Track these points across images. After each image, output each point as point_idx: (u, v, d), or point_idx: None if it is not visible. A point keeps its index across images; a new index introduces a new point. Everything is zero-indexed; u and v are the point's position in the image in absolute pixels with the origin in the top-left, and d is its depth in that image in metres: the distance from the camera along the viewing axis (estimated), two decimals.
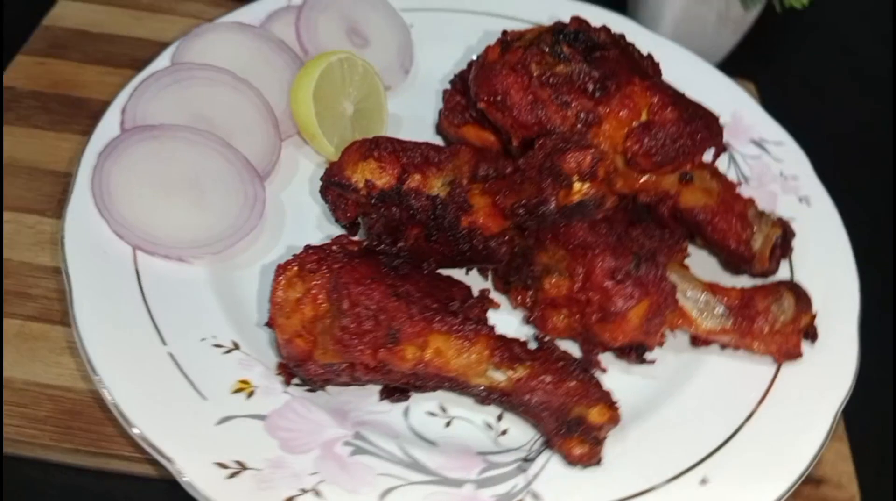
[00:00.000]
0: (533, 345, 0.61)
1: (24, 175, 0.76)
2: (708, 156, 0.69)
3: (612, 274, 0.61)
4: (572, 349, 0.66)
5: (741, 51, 1.04)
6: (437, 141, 0.83)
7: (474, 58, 0.76)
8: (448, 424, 0.61)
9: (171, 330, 0.61)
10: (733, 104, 0.82)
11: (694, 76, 0.84)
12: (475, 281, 0.69)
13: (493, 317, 0.64)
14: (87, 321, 0.59)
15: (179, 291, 0.64)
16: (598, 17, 0.89)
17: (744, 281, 0.73)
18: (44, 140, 0.79)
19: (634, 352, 0.64)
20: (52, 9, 0.92)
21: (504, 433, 0.61)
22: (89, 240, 0.65)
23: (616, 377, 0.65)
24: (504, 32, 0.70)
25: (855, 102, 1.06)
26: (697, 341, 0.67)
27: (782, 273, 0.72)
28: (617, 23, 0.90)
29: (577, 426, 0.57)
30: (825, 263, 0.72)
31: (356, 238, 0.68)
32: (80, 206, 0.66)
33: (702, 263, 0.74)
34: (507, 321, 0.68)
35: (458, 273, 0.69)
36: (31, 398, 0.61)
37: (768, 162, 0.78)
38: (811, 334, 0.64)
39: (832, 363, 0.66)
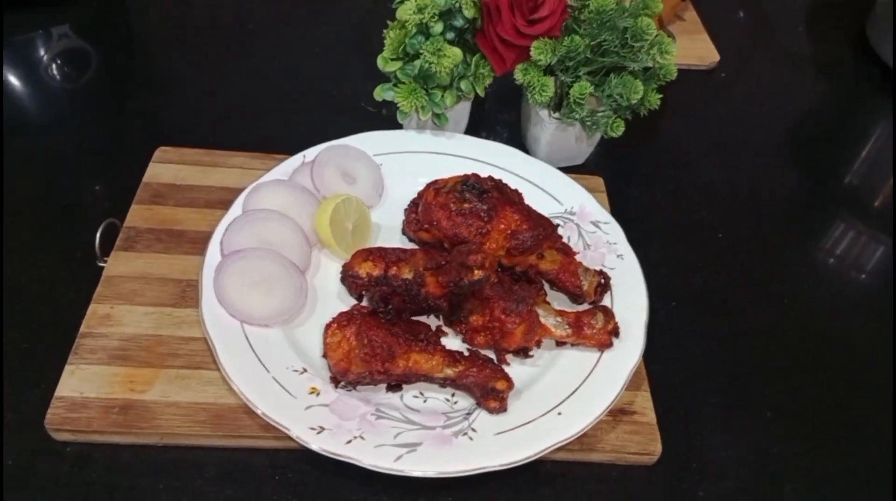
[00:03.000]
0: (466, 353, 1.05)
1: (156, 283, 1.07)
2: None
3: (504, 311, 1.00)
4: (490, 353, 1.07)
5: (596, 154, 1.44)
6: (404, 240, 1.19)
7: (419, 190, 1.18)
8: (425, 401, 0.99)
9: (270, 364, 0.96)
10: (580, 199, 1.24)
11: (556, 184, 1.27)
12: (434, 321, 1.11)
13: (445, 340, 1.08)
14: (227, 365, 0.98)
15: (269, 343, 0.99)
16: (503, 152, 1.30)
17: (586, 306, 1.13)
18: (161, 260, 1.11)
19: (522, 352, 1.02)
20: (147, 170, 1.26)
21: (456, 403, 1.02)
22: (216, 319, 1.00)
23: (516, 366, 1.03)
24: (434, 181, 1.16)
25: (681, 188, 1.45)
26: (558, 343, 1.04)
27: (606, 300, 1.11)
28: (513, 154, 1.31)
29: (491, 392, 0.94)
30: (629, 293, 1.08)
31: (363, 304, 1.07)
32: (208, 300, 1.03)
33: (560, 299, 1.17)
34: (454, 341, 1.05)
35: (423, 318, 1.11)
36: (192, 410, 0.94)
37: (600, 235, 1.19)
38: (615, 333, 1.02)
39: (629, 348, 1.02)
